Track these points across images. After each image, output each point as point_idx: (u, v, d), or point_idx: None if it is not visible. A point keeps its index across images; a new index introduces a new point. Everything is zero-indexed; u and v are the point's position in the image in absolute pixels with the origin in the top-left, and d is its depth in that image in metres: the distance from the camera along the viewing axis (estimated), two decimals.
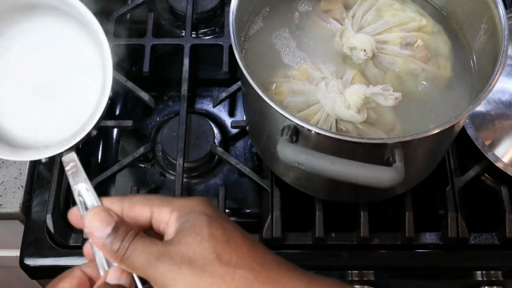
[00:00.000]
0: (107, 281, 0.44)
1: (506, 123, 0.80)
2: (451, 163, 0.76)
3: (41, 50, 0.49)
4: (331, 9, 0.74)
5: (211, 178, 0.81)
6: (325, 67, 0.70)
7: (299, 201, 0.73)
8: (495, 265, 0.73)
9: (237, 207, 0.79)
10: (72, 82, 0.50)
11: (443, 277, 0.76)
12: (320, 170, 0.55)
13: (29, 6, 0.48)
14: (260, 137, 0.72)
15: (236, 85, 0.82)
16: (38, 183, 0.77)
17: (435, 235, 0.74)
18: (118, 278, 0.44)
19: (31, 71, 0.48)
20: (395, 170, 0.55)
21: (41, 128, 0.49)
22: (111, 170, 0.76)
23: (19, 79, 0.48)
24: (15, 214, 0.75)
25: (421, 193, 0.75)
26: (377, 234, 0.73)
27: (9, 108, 0.48)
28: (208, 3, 0.93)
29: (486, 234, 0.74)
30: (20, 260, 0.73)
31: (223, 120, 0.85)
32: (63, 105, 0.49)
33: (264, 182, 0.75)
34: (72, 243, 0.74)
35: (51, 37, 0.50)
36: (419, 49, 0.70)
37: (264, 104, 0.60)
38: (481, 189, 0.79)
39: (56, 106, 0.49)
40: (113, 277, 0.44)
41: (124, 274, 0.44)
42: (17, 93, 0.48)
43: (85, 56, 0.50)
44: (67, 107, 0.49)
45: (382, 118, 0.66)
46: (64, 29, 0.50)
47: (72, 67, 0.51)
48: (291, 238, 0.73)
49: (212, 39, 0.92)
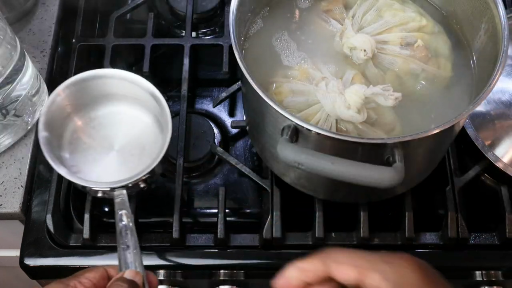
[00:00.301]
0: (125, 276, 0.54)
1: (506, 123, 0.80)
2: (451, 163, 0.76)
3: (117, 123, 0.73)
4: (331, 9, 0.74)
5: (211, 178, 0.81)
6: (325, 67, 0.70)
7: (299, 201, 0.73)
8: (495, 265, 0.73)
9: (237, 207, 0.79)
10: (137, 144, 0.71)
11: (443, 277, 0.76)
12: (320, 170, 0.55)
13: (111, 95, 0.73)
14: (260, 137, 0.72)
15: (236, 85, 0.82)
16: (38, 183, 0.77)
17: (435, 235, 0.74)
18: (133, 276, 0.54)
19: (110, 136, 0.72)
20: (395, 170, 0.55)
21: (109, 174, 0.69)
22: None
23: (102, 141, 0.72)
24: (15, 214, 0.75)
25: (421, 193, 0.75)
26: (377, 234, 0.73)
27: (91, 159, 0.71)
28: (208, 3, 0.93)
29: (486, 234, 0.74)
30: (20, 260, 0.73)
31: (223, 120, 0.85)
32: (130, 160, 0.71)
33: (264, 182, 0.75)
34: (72, 243, 0.74)
35: (125, 115, 0.74)
36: (419, 49, 0.70)
37: (264, 104, 0.60)
38: (481, 189, 0.79)
39: (124, 160, 0.71)
40: (129, 274, 0.54)
41: (139, 275, 0.55)
42: (99, 150, 0.71)
43: (147, 126, 0.73)
44: (131, 161, 0.70)
45: (382, 118, 0.66)
46: (133, 109, 0.74)
47: (138, 134, 0.72)
48: (291, 238, 0.73)
49: (212, 39, 0.92)
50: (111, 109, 0.74)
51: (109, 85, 0.72)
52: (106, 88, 0.72)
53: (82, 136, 0.72)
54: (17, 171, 0.77)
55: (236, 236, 0.74)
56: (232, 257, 0.73)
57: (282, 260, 0.72)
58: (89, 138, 0.72)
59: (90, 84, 0.71)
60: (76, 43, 0.87)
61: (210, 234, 0.74)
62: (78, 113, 0.73)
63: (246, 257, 0.73)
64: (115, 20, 0.89)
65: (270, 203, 0.73)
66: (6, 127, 0.76)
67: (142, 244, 0.73)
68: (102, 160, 0.71)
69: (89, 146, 0.72)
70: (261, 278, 0.76)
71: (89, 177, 0.68)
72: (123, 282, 0.53)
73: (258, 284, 0.77)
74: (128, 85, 0.71)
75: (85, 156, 0.71)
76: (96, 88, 0.72)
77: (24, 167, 0.77)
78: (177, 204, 0.73)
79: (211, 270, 0.74)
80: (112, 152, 0.71)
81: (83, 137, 0.72)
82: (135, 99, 0.73)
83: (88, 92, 0.72)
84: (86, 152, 0.71)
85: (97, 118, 0.73)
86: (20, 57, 0.73)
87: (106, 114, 0.73)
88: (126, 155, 0.71)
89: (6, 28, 0.71)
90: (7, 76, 0.71)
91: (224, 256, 0.73)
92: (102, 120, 0.73)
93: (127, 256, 0.59)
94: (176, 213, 0.72)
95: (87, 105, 0.73)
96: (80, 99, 0.72)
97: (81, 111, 0.73)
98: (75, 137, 0.72)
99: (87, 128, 0.73)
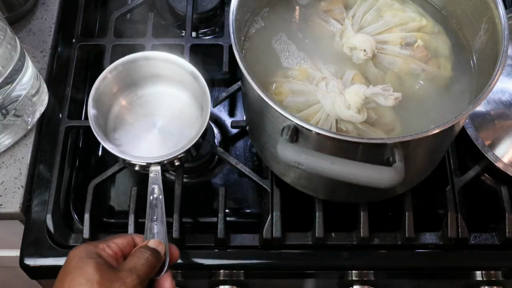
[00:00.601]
0: (149, 244, 0.59)
1: (506, 123, 0.80)
2: (451, 163, 0.76)
3: (160, 103, 0.76)
4: (332, 9, 0.74)
5: (211, 178, 0.81)
6: (325, 67, 0.70)
7: (299, 201, 0.73)
8: (495, 265, 0.73)
9: (237, 207, 0.79)
10: (178, 125, 0.75)
11: (443, 277, 0.77)
12: (320, 170, 0.55)
13: (155, 76, 0.76)
14: (260, 137, 0.72)
15: (236, 85, 0.82)
16: (38, 183, 0.77)
17: (435, 235, 0.74)
18: (156, 245, 0.59)
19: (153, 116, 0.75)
20: (395, 170, 0.55)
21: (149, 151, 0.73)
22: (111, 170, 0.76)
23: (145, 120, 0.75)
24: (15, 214, 0.75)
25: (421, 193, 0.75)
26: (377, 234, 0.73)
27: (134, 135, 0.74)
28: (208, 3, 0.93)
29: (486, 234, 0.74)
30: (20, 260, 0.73)
31: (223, 120, 0.85)
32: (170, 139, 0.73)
33: (264, 182, 0.75)
34: (72, 243, 0.74)
35: (168, 95, 0.77)
36: (419, 49, 0.70)
37: (264, 104, 0.60)
38: (481, 189, 0.79)
39: (164, 139, 0.74)
40: (153, 244, 0.59)
41: (162, 245, 0.60)
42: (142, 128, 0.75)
43: (189, 108, 0.76)
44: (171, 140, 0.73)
45: (382, 118, 0.66)
46: (177, 90, 0.77)
47: (179, 116, 0.75)
48: (291, 238, 0.73)
49: (212, 39, 0.92)
50: (155, 89, 0.77)
51: (154, 67, 0.75)
52: (150, 70, 0.75)
53: (126, 114, 0.76)
54: (17, 171, 0.77)
55: (236, 236, 0.74)
56: (232, 257, 0.73)
57: (282, 260, 0.73)
58: (133, 116, 0.76)
59: (136, 65, 0.75)
60: (76, 43, 0.87)
61: (210, 234, 0.74)
62: (124, 93, 0.76)
63: (246, 257, 0.73)
64: (115, 20, 0.89)
65: (270, 203, 0.73)
66: (6, 127, 0.76)
67: None
68: (144, 137, 0.74)
69: (132, 123, 0.75)
70: (261, 278, 0.76)
71: (130, 152, 0.71)
72: (146, 249, 0.58)
73: (258, 284, 0.77)
74: (172, 67, 0.74)
75: (129, 132, 0.75)
76: (141, 69, 0.75)
77: (24, 167, 0.77)
78: (177, 204, 0.73)
79: (211, 270, 0.74)
80: (154, 130, 0.74)
81: (127, 115, 0.76)
82: (178, 81, 0.76)
83: (133, 73, 0.75)
84: (129, 129, 0.75)
85: (142, 97, 0.77)
86: (20, 57, 0.73)
87: (150, 94, 0.77)
88: (166, 135, 0.74)
89: (6, 28, 0.71)
90: (7, 76, 0.71)
91: (224, 256, 0.73)
92: (146, 99, 0.77)
93: (154, 227, 0.63)
94: (176, 213, 0.72)
95: (132, 85, 0.76)
96: (126, 79, 0.75)
97: (126, 90, 0.76)
98: (120, 115, 0.76)
99: (132, 107, 0.76)
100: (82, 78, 0.88)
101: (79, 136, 0.84)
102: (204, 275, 0.75)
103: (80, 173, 0.82)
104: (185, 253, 0.73)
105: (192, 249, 0.74)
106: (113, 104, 0.75)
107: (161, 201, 0.66)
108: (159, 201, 0.66)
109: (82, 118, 0.85)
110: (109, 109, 0.75)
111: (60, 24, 0.90)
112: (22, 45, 0.74)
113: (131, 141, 0.74)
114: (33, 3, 0.89)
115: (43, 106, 0.80)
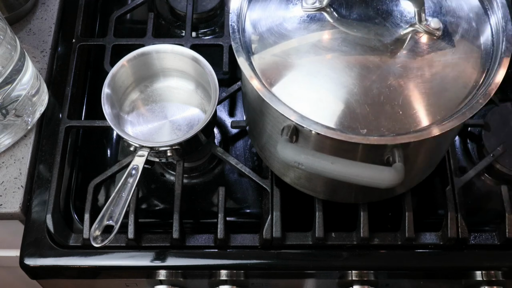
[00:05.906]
0: None
1: None
2: (451, 163, 0.76)
3: (173, 97, 0.79)
4: None
5: (211, 178, 0.81)
6: None
7: (299, 201, 0.73)
8: (495, 265, 0.73)
9: (237, 207, 0.79)
10: (187, 121, 0.77)
11: (443, 277, 0.77)
12: (320, 170, 0.55)
13: (170, 70, 0.78)
14: (260, 137, 0.72)
15: (236, 85, 0.82)
16: (38, 183, 0.77)
17: (435, 235, 0.74)
18: None
19: (165, 109, 0.78)
20: (395, 170, 0.55)
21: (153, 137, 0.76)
22: (111, 170, 0.76)
23: (157, 112, 0.78)
24: (15, 214, 0.75)
25: (421, 193, 0.75)
26: (377, 234, 0.73)
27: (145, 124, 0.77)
28: (208, 3, 0.93)
29: (486, 234, 0.74)
30: (20, 260, 0.73)
31: (223, 120, 0.85)
32: (176, 133, 0.76)
33: (264, 182, 0.75)
34: (72, 243, 0.74)
35: (176, 87, 0.79)
36: None
37: (264, 104, 0.60)
38: (481, 189, 0.79)
39: (171, 132, 0.76)
40: None
41: None
42: (153, 119, 0.77)
43: (199, 105, 0.78)
44: (177, 135, 0.76)
45: None
46: (183, 82, 0.79)
47: (186, 103, 0.78)
48: (291, 238, 0.73)
49: (212, 39, 0.92)
50: (170, 83, 0.79)
51: (168, 60, 0.77)
52: (166, 63, 0.77)
53: (140, 105, 0.78)
54: (17, 171, 0.77)
55: (236, 236, 0.74)
56: (232, 257, 0.73)
57: (282, 260, 0.73)
58: (146, 107, 0.78)
59: (151, 57, 0.76)
60: (76, 43, 0.87)
61: (210, 234, 0.74)
62: (139, 84, 0.78)
63: (246, 257, 0.73)
64: (115, 20, 0.89)
65: (270, 203, 0.73)
66: (6, 127, 0.76)
67: (142, 244, 0.73)
68: (154, 128, 0.77)
69: (145, 114, 0.77)
70: (261, 278, 0.76)
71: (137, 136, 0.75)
72: None
73: (258, 284, 0.77)
74: (186, 60, 0.76)
75: (140, 122, 0.77)
76: (156, 62, 0.77)
77: (24, 167, 0.77)
78: (177, 204, 0.73)
79: (211, 270, 0.74)
80: (164, 122, 0.77)
81: (141, 106, 0.78)
82: (191, 76, 0.78)
83: (148, 65, 0.77)
84: (141, 119, 0.78)
85: (156, 90, 0.79)
86: (20, 57, 0.73)
87: (164, 87, 0.79)
88: (175, 129, 0.76)
89: (6, 28, 0.71)
90: (7, 76, 0.71)
91: (224, 256, 0.73)
92: (159, 92, 0.79)
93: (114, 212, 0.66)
94: (176, 213, 0.72)
95: (147, 77, 0.78)
96: (141, 71, 0.77)
97: (141, 82, 0.78)
98: (133, 105, 0.78)
99: (145, 98, 0.79)
100: (82, 78, 0.88)
101: (79, 136, 0.84)
102: (204, 275, 0.75)
103: (80, 173, 0.82)
104: (185, 253, 0.73)
105: (192, 249, 0.74)
106: (128, 95, 0.78)
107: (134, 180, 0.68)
108: (134, 179, 0.68)
109: (82, 118, 0.85)
110: (124, 99, 0.77)
111: (60, 24, 0.90)
112: (22, 45, 0.74)
113: (142, 129, 0.76)
114: (33, 3, 0.89)
115: (43, 106, 0.80)
